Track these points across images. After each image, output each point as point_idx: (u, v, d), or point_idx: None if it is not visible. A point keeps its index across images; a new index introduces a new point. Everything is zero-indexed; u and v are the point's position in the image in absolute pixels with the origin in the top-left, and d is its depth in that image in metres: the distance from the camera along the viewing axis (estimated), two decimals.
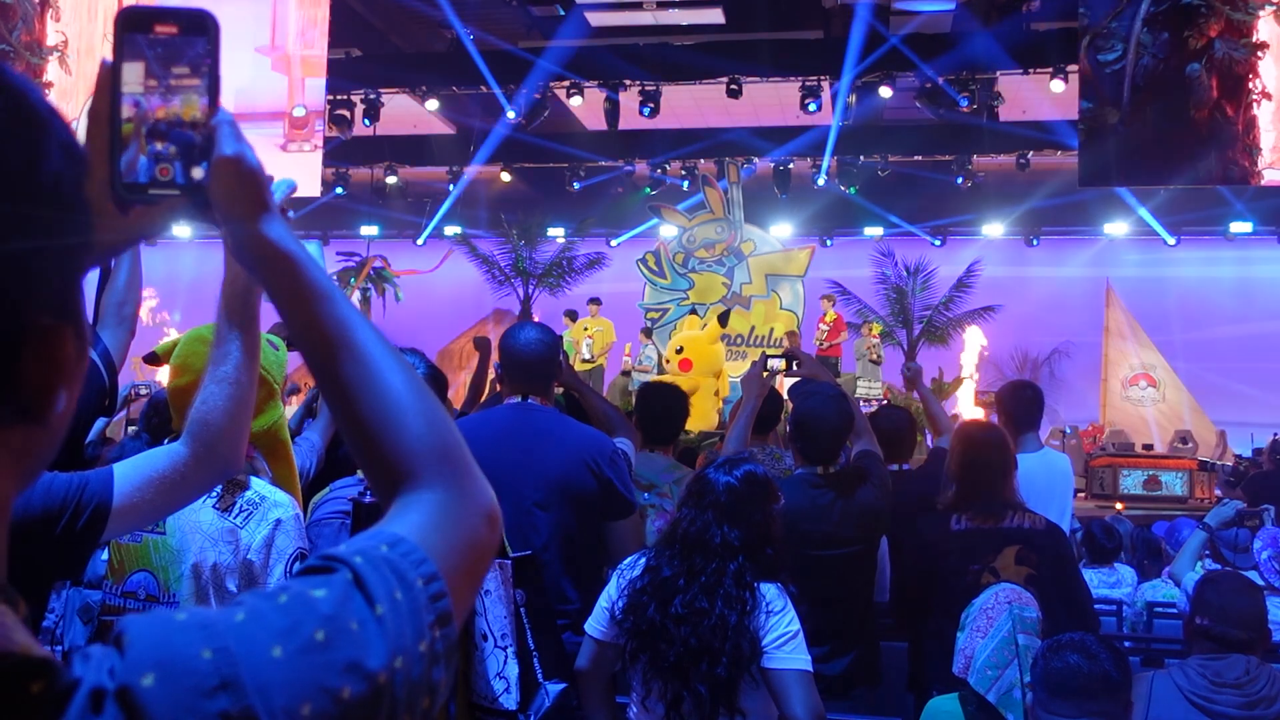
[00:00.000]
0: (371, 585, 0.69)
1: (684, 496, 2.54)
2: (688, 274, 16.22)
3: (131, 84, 0.82)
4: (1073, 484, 4.56)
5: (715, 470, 2.51)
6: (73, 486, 1.44)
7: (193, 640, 0.61)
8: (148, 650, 0.60)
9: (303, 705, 0.61)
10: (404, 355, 2.74)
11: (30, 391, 0.63)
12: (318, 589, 0.67)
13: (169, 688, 0.59)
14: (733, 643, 2.34)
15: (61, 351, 0.65)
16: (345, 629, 0.65)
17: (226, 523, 2.00)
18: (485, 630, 2.39)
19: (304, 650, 0.63)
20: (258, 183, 0.87)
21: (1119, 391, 14.97)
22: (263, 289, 0.89)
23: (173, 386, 2.07)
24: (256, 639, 0.62)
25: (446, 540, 0.78)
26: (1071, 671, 2.13)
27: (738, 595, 2.38)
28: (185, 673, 0.59)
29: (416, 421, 0.85)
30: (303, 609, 0.65)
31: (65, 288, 0.66)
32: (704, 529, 2.43)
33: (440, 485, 0.82)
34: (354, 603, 0.67)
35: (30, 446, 0.66)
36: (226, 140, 0.85)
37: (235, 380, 1.47)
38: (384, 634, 0.67)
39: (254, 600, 0.66)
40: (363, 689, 0.64)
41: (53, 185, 0.64)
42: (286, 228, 0.89)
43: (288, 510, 2.06)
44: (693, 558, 2.43)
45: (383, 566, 0.71)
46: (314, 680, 0.63)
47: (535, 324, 3.25)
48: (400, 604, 0.69)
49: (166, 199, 0.84)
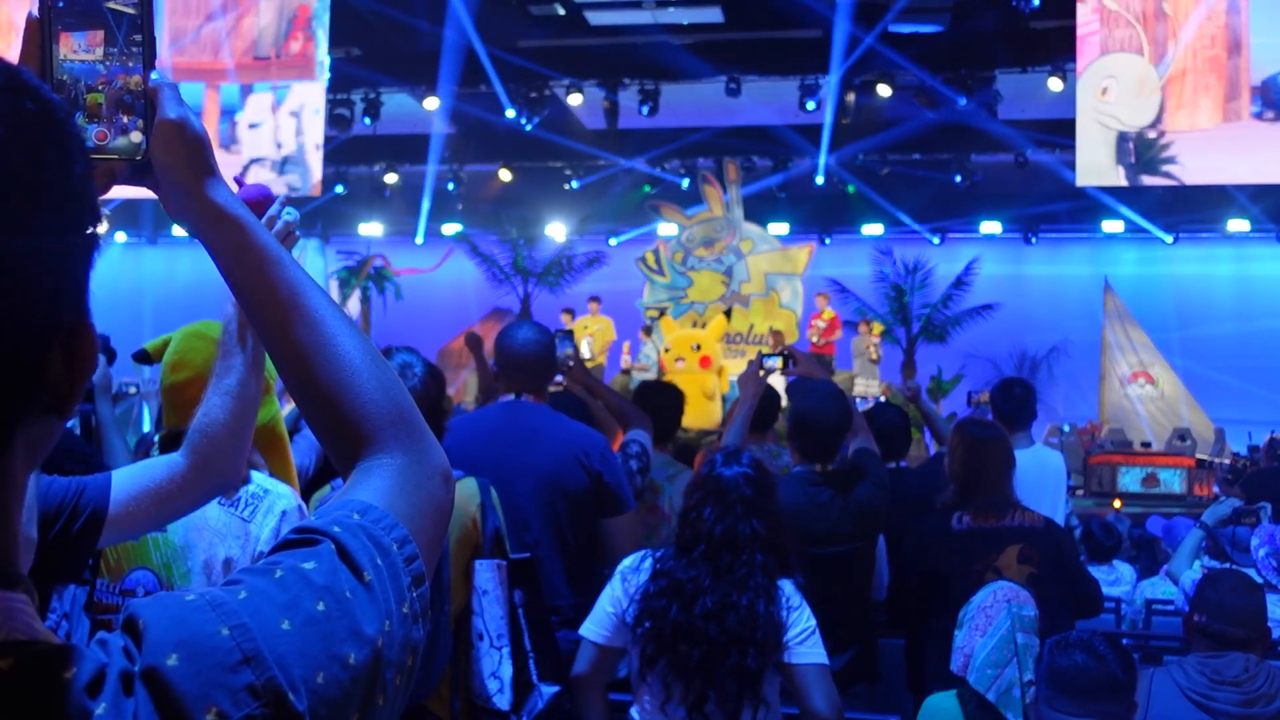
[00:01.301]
0: (355, 554, 0.71)
1: (699, 498, 2.50)
2: (687, 272, 16.22)
3: (66, 49, 0.81)
4: (1065, 481, 4.58)
5: (724, 467, 2.51)
6: (70, 490, 1.43)
7: (209, 619, 0.63)
8: (167, 631, 0.61)
9: (317, 674, 0.64)
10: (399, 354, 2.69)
11: (57, 386, 0.65)
12: (307, 561, 0.69)
13: (194, 665, 0.60)
14: (763, 630, 2.36)
15: (85, 347, 0.66)
16: (341, 598, 0.68)
17: (234, 517, 2.00)
18: (481, 630, 2.40)
19: (309, 622, 0.65)
20: (201, 146, 0.86)
21: (1117, 389, 14.95)
22: (209, 252, 0.88)
23: (169, 383, 2.03)
24: (266, 614, 0.64)
25: (411, 503, 0.80)
26: (1078, 670, 2.13)
27: (765, 584, 2.40)
28: (208, 650, 0.61)
29: (370, 385, 0.85)
30: (300, 582, 0.67)
31: (81, 282, 0.67)
32: (732, 525, 2.44)
33: (399, 449, 0.83)
34: (342, 573, 0.69)
35: (45, 437, 0.67)
36: (169, 104, 0.85)
37: (238, 394, 1.47)
38: (373, 600, 0.69)
39: (252, 578, 0.68)
40: (365, 654, 0.67)
41: (82, 186, 0.66)
42: (231, 193, 0.88)
43: (291, 501, 2.07)
44: (720, 557, 2.42)
45: (360, 534, 0.73)
46: (323, 649, 0.65)
47: (531, 323, 3.26)
48: (382, 569, 0.72)
49: (106, 164, 0.83)
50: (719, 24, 13.39)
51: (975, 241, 16.06)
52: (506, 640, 2.41)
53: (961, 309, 15.00)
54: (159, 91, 0.84)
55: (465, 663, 2.40)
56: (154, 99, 0.84)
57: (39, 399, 0.64)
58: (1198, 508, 7.48)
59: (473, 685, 2.39)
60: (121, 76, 0.83)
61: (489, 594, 2.42)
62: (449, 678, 2.38)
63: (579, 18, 13.39)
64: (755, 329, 15.60)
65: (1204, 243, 15.79)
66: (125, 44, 0.82)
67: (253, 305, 0.87)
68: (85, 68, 0.82)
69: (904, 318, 15.01)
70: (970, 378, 13.61)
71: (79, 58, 0.82)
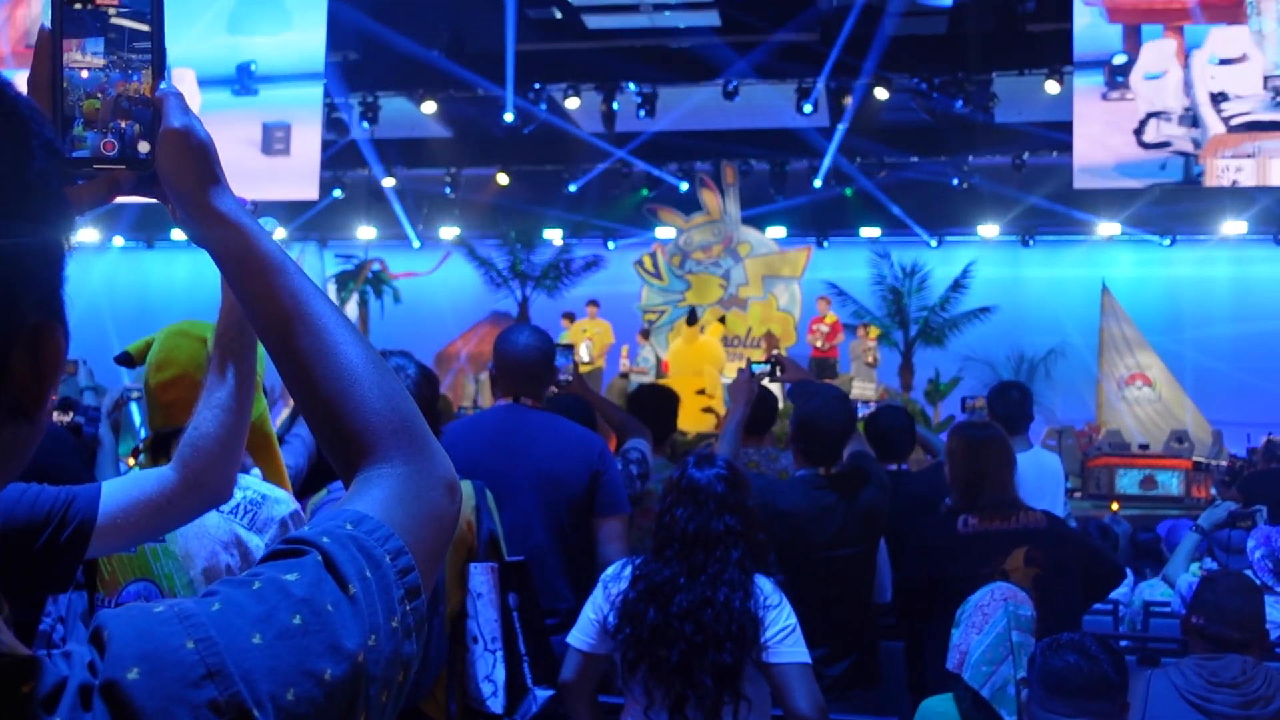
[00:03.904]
0: (341, 565, 0.69)
1: (671, 500, 2.52)
2: (684, 275, 16.23)
3: (74, 58, 0.81)
4: (1063, 483, 4.59)
5: (695, 470, 2.53)
6: (59, 500, 1.42)
7: (174, 632, 0.61)
8: (129, 644, 0.60)
9: (287, 690, 0.62)
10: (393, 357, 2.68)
11: (21, 390, 0.63)
12: (289, 573, 0.67)
13: (155, 680, 0.59)
14: (738, 624, 2.36)
15: (50, 349, 0.65)
16: (321, 611, 0.66)
17: (232, 524, 1.99)
18: (476, 633, 2.40)
19: (283, 636, 0.64)
20: (206, 155, 0.86)
21: (1115, 391, 14.96)
22: (214, 260, 0.88)
23: (154, 382, 1.99)
24: (236, 627, 0.63)
25: (410, 514, 0.78)
26: (1070, 671, 2.13)
27: (741, 579, 2.40)
28: (170, 664, 0.59)
29: (373, 394, 0.84)
30: (277, 595, 0.66)
31: (52, 285, 0.66)
32: (705, 521, 2.45)
33: (400, 459, 0.82)
34: (326, 585, 0.68)
35: (17, 444, 0.66)
36: (174, 113, 0.84)
37: (229, 408, 1.46)
38: (357, 614, 0.67)
39: (228, 589, 0.66)
40: (343, 669, 0.65)
41: (40, 183, 0.64)
42: (237, 200, 0.87)
43: (288, 506, 2.06)
44: (694, 554, 2.43)
45: (350, 545, 0.71)
46: (296, 664, 0.63)
47: (530, 328, 3.26)
48: (370, 582, 0.70)
49: (112, 173, 0.83)
50: (716, 27, 13.42)
51: (972, 244, 16.08)
52: (500, 643, 2.42)
53: (959, 312, 15.01)
54: (165, 100, 0.84)
55: (460, 666, 2.40)
56: (160, 108, 0.84)
57: (3, 402, 0.63)
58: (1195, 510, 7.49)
59: (468, 688, 2.40)
60: (121, 84, 0.82)
61: (483, 597, 2.42)
62: (444, 681, 2.38)
63: (576, 21, 13.41)
64: (754, 332, 15.61)
65: (1201, 245, 15.81)
66: (127, 52, 0.82)
67: (256, 313, 0.87)
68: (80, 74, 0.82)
69: (901, 321, 15.02)
70: (968, 380, 13.62)
71: (80, 65, 0.82)
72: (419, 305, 16.63)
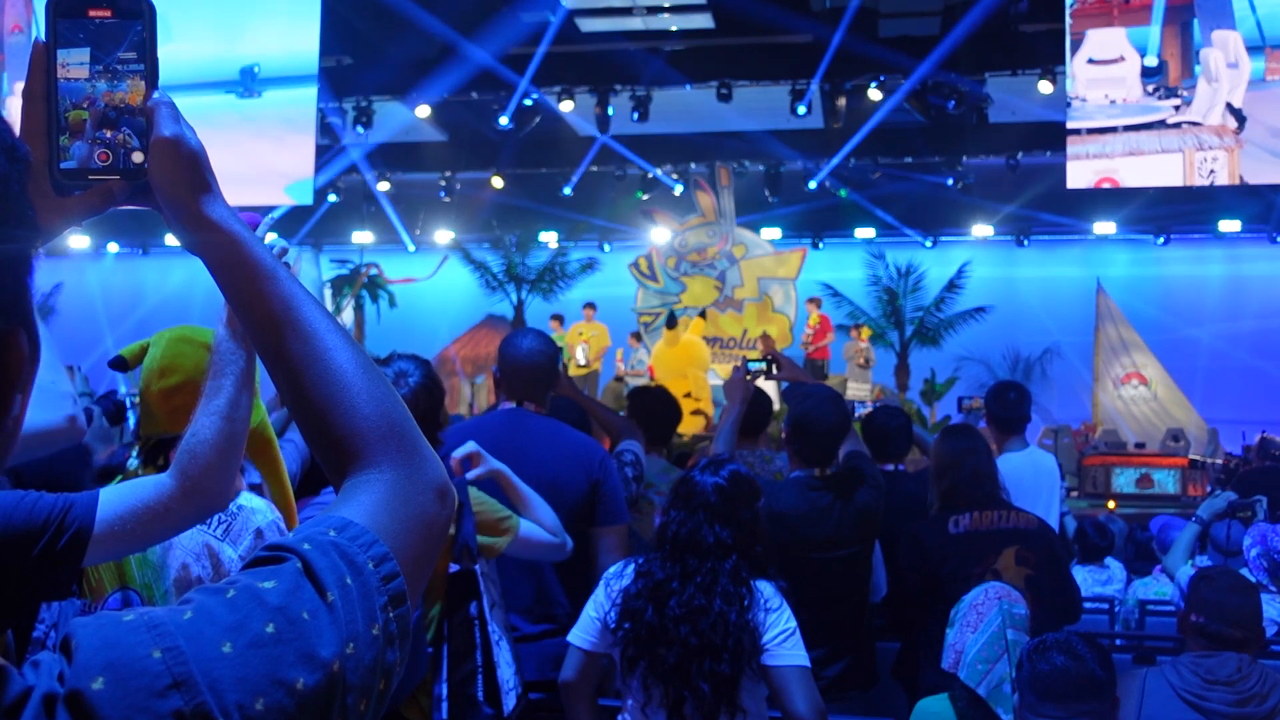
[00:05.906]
0: (321, 572, 0.68)
1: (671, 499, 2.54)
2: (680, 278, 16.24)
3: (67, 68, 0.82)
4: (1059, 483, 4.60)
5: (700, 473, 2.53)
6: (57, 507, 1.41)
7: (141, 641, 0.61)
8: (96, 653, 0.59)
9: (256, 700, 0.61)
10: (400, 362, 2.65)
11: None
12: (266, 580, 0.67)
13: (119, 690, 0.58)
14: (734, 638, 2.36)
15: (14, 355, 0.64)
16: (296, 620, 0.65)
17: (205, 536, 1.96)
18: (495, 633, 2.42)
19: (254, 645, 0.63)
20: (197, 163, 0.86)
21: (1111, 390, 14.99)
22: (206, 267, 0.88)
23: (158, 388, 1.95)
24: (206, 636, 0.62)
25: (397, 520, 0.78)
26: (1058, 673, 2.13)
27: (735, 592, 2.40)
28: (136, 674, 0.59)
29: (363, 399, 0.84)
30: (251, 603, 0.65)
31: (15, 290, 0.66)
32: (695, 529, 2.45)
33: (389, 465, 0.82)
34: (304, 592, 0.67)
35: None
36: (165, 121, 0.84)
37: (227, 415, 1.45)
38: (335, 622, 0.67)
39: (202, 597, 0.65)
40: (316, 679, 0.64)
41: None
42: (229, 208, 0.88)
43: (266, 516, 2.03)
44: (685, 559, 2.44)
45: (331, 552, 0.70)
46: (266, 674, 0.62)
47: (535, 332, 3.26)
48: (351, 589, 0.69)
49: (106, 183, 0.84)
50: (710, 30, 13.42)
51: (967, 244, 16.10)
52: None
53: (954, 312, 15.04)
54: (156, 109, 0.84)
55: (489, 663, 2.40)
56: (151, 117, 0.84)
57: None
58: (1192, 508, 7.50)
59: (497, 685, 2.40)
60: (113, 94, 0.83)
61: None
62: (426, 686, 2.37)
63: (570, 25, 13.40)
64: (749, 334, 15.62)
65: (1195, 243, 15.84)
66: (119, 62, 0.83)
67: (248, 319, 0.87)
68: (73, 85, 0.82)
69: (897, 321, 15.05)
70: (964, 381, 13.65)
71: (73, 76, 0.82)
72: (414, 309, 16.63)
